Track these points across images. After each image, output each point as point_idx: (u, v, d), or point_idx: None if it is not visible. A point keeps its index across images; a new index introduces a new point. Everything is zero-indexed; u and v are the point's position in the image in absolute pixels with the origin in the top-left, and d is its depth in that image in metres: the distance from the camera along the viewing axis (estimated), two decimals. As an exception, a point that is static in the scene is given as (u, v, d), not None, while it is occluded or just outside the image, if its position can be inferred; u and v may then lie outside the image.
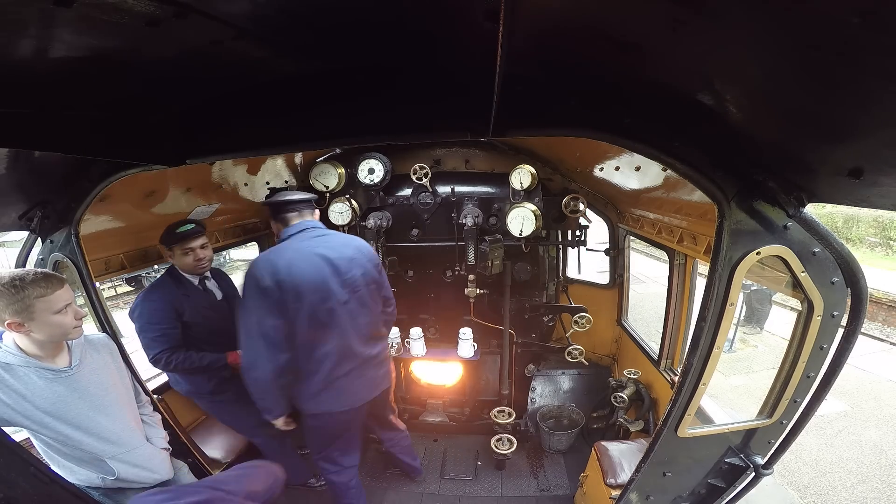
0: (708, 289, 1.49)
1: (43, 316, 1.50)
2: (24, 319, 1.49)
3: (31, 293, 1.47)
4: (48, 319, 1.51)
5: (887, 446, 5.17)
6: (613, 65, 1.15)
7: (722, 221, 1.39)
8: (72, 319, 1.58)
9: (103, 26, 0.83)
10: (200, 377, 2.53)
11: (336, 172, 2.91)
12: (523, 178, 2.73)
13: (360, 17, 0.97)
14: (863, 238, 17.94)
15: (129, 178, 1.73)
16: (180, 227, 2.40)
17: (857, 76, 0.72)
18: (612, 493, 2.25)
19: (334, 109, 1.44)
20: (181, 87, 1.31)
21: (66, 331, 1.58)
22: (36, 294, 1.47)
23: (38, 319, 1.50)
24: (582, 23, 0.94)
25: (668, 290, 3.17)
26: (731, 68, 0.94)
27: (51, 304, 1.51)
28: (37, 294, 1.48)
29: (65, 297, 1.55)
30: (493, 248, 2.76)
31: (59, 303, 1.53)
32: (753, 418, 1.82)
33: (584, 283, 4.18)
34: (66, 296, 1.56)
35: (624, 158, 2.51)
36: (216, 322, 2.54)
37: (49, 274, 1.54)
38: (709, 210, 1.84)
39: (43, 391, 1.57)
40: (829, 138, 0.98)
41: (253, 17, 0.92)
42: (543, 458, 3.39)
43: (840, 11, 0.60)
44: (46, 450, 1.68)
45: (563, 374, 3.80)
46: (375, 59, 1.26)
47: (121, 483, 1.80)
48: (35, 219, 1.80)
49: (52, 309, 1.51)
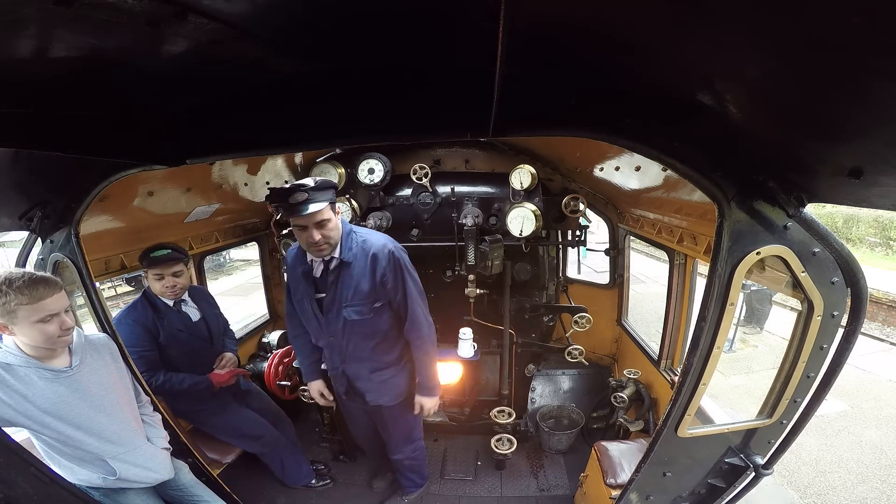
0: (708, 289, 1.49)
1: (24, 323, 1.49)
2: (8, 323, 1.49)
3: (13, 299, 1.45)
4: (30, 327, 1.50)
5: (887, 446, 5.17)
6: (613, 65, 1.15)
7: (722, 221, 1.39)
8: (56, 329, 1.53)
9: (103, 26, 0.83)
10: (180, 398, 2.53)
11: (336, 172, 2.91)
12: (523, 178, 2.73)
13: (359, 17, 0.97)
14: (863, 238, 17.94)
15: (129, 178, 1.73)
16: (155, 251, 2.39)
17: (857, 76, 0.72)
18: (612, 493, 2.24)
19: (334, 109, 1.44)
20: (181, 86, 1.31)
21: (49, 340, 1.54)
22: (17, 301, 1.45)
23: (20, 325, 1.49)
24: (582, 23, 0.94)
25: (668, 290, 3.17)
26: (731, 68, 0.94)
27: (32, 313, 1.48)
28: (18, 301, 1.46)
29: (50, 307, 1.51)
30: (493, 248, 2.75)
31: (42, 312, 1.49)
32: (753, 418, 1.82)
33: (584, 283, 4.19)
34: (52, 306, 1.51)
35: (624, 158, 2.51)
36: (192, 343, 2.55)
37: (38, 280, 1.50)
38: (709, 210, 1.84)
39: (43, 391, 1.57)
40: (830, 138, 0.98)
41: (253, 17, 0.92)
42: (543, 458, 3.39)
43: (840, 11, 0.60)
44: (47, 450, 1.68)
45: (563, 374, 3.80)
46: (375, 59, 1.26)
47: (122, 483, 1.80)
48: (35, 219, 1.80)
49: (32, 318, 1.49)
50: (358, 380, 2.40)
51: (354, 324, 2.21)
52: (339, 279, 2.15)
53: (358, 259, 2.13)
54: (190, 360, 2.53)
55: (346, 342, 2.27)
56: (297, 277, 2.25)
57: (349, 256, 2.12)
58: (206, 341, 2.64)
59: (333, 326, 2.24)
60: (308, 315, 2.30)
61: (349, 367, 2.37)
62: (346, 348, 2.29)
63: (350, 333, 2.25)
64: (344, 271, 2.14)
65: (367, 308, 2.19)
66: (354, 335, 2.25)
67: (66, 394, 1.62)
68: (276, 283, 4.30)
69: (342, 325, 2.22)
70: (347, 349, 2.29)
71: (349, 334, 2.25)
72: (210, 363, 2.64)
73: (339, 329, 2.23)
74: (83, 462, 1.73)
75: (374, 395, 2.43)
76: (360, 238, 2.16)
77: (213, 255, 4.53)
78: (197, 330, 2.59)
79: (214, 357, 2.68)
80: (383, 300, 2.20)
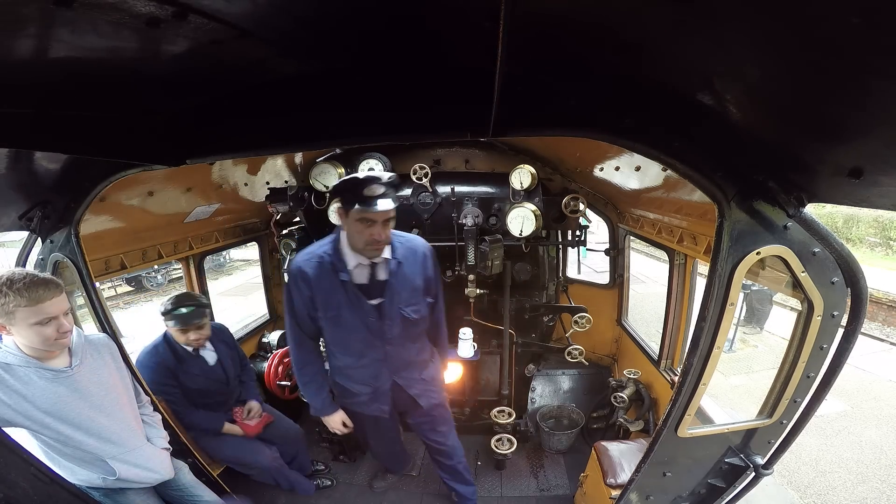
0: (708, 289, 1.49)
1: (22, 324, 1.49)
2: (6, 324, 1.49)
3: (12, 300, 1.45)
4: (27, 329, 1.50)
5: (887, 446, 5.17)
6: (613, 65, 1.15)
7: (722, 221, 1.39)
8: (53, 332, 1.53)
9: (103, 26, 0.83)
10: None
11: (336, 172, 2.90)
12: (523, 178, 2.73)
13: (360, 17, 0.97)
14: (863, 238, 17.95)
15: (129, 178, 1.73)
16: (179, 308, 2.42)
17: (857, 76, 0.72)
18: (612, 493, 2.24)
19: (334, 109, 1.44)
20: (181, 86, 1.31)
21: (46, 343, 1.54)
22: (16, 303, 1.46)
23: (17, 326, 1.49)
24: (582, 22, 0.94)
25: (668, 290, 3.17)
26: (731, 68, 0.94)
27: (29, 315, 1.48)
28: (16, 303, 1.46)
29: (48, 310, 1.51)
30: (493, 248, 2.75)
31: (39, 315, 1.49)
32: (753, 418, 1.82)
33: (584, 283, 4.19)
34: (50, 309, 1.51)
35: (624, 158, 2.51)
36: (208, 385, 2.60)
37: (38, 282, 1.50)
38: (709, 210, 1.84)
39: (43, 391, 1.57)
40: (830, 138, 0.98)
41: (253, 18, 0.92)
42: (543, 458, 3.39)
43: (840, 11, 0.60)
44: (47, 450, 1.68)
45: (563, 374, 3.80)
46: (375, 59, 1.26)
47: (122, 483, 1.80)
48: (35, 219, 1.80)
49: (30, 320, 1.49)
50: (411, 386, 2.30)
51: (410, 325, 2.14)
52: (396, 279, 2.06)
53: (408, 258, 2.08)
54: (204, 400, 2.59)
55: (401, 347, 2.18)
56: (330, 289, 2.02)
57: (401, 255, 2.06)
58: (223, 383, 2.68)
59: (391, 332, 2.11)
60: (352, 327, 2.09)
61: (402, 374, 2.26)
62: (401, 355, 2.20)
63: (404, 337, 2.17)
64: (399, 270, 2.06)
65: (423, 305, 2.16)
66: (408, 338, 2.19)
67: (65, 394, 1.62)
68: (276, 283, 4.30)
69: (400, 328, 2.12)
70: (402, 356, 2.21)
71: (403, 338, 2.17)
72: (223, 402, 2.70)
73: (398, 334, 2.13)
74: (83, 462, 1.72)
75: (427, 397, 2.37)
76: (398, 237, 2.10)
77: (213, 255, 4.52)
78: (213, 373, 2.63)
79: (228, 396, 2.72)
80: (429, 296, 2.20)
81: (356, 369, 2.22)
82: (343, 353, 2.19)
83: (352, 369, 2.22)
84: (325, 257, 2.00)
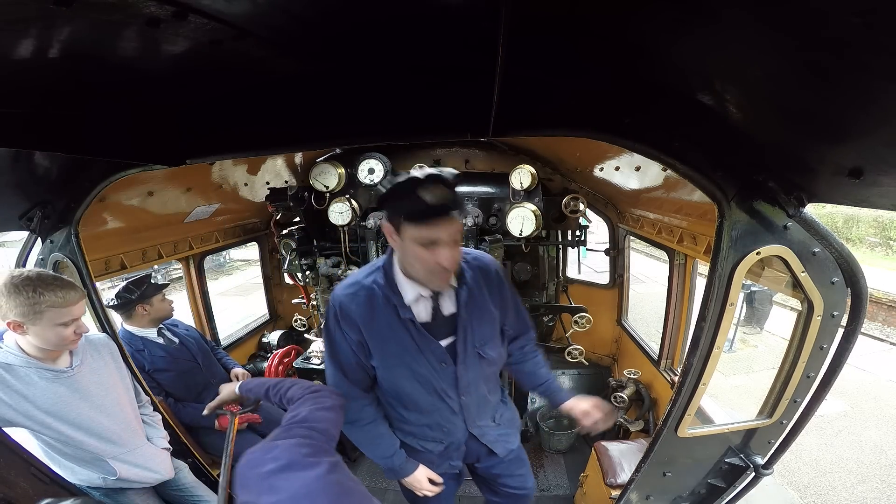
0: (708, 289, 1.49)
1: (47, 324, 1.50)
2: (27, 322, 1.49)
3: (46, 300, 1.47)
4: (51, 329, 1.52)
5: (887, 446, 5.17)
6: (613, 64, 1.15)
7: (722, 221, 1.39)
8: (71, 334, 1.57)
9: (103, 26, 0.83)
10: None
11: (336, 172, 2.90)
12: (523, 178, 2.73)
13: (359, 17, 0.97)
14: (863, 238, 17.96)
15: (128, 178, 1.73)
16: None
17: (857, 76, 0.72)
18: (612, 493, 2.25)
19: (334, 109, 1.44)
20: (181, 86, 1.31)
21: (63, 343, 1.59)
22: (49, 302, 1.48)
23: (40, 326, 1.50)
24: (582, 22, 0.94)
25: (668, 290, 3.17)
26: (731, 68, 0.94)
27: (59, 316, 1.51)
28: (50, 303, 1.48)
29: (76, 312, 1.56)
30: (493, 248, 2.75)
31: (68, 316, 1.54)
32: (753, 418, 1.82)
33: (584, 283, 4.19)
34: (77, 311, 1.57)
35: (624, 158, 2.51)
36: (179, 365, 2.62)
37: (67, 284, 1.55)
38: (709, 210, 1.84)
39: (44, 391, 1.58)
40: (829, 138, 0.98)
41: (253, 18, 0.92)
42: (543, 458, 3.39)
43: (840, 11, 0.60)
44: (47, 450, 1.68)
45: (563, 374, 3.80)
46: (375, 59, 1.26)
47: (122, 483, 1.80)
48: (35, 219, 1.80)
49: (57, 320, 1.51)
50: (485, 434, 1.80)
51: (486, 365, 1.66)
52: (468, 312, 1.57)
53: (479, 282, 1.59)
54: (185, 383, 2.60)
55: (477, 394, 1.69)
56: (388, 331, 1.53)
57: (471, 280, 1.57)
58: (192, 361, 2.69)
59: (466, 378, 1.62)
60: (419, 377, 1.59)
61: (480, 425, 1.77)
62: (477, 403, 1.71)
63: (480, 380, 1.68)
64: (470, 301, 1.57)
65: (499, 339, 1.69)
66: (483, 381, 1.70)
67: (66, 394, 1.63)
68: (276, 283, 4.30)
69: (476, 371, 1.64)
70: (478, 403, 1.72)
71: (479, 382, 1.68)
72: (203, 383, 2.69)
73: (475, 378, 1.65)
74: (83, 462, 1.73)
75: (503, 443, 1.86)
76: (465, 255, 1.60)
77: (213, 255, 4.53)
78: (179, 353, 2.65)
79: (209, 376, 2.72)
80: (506, 325, 1.73)
81: (423, 426, 1.73)
82: (406, 408, 1.70)
83: (417, 426, 1.73)
84: (375, 290, 1.52)
